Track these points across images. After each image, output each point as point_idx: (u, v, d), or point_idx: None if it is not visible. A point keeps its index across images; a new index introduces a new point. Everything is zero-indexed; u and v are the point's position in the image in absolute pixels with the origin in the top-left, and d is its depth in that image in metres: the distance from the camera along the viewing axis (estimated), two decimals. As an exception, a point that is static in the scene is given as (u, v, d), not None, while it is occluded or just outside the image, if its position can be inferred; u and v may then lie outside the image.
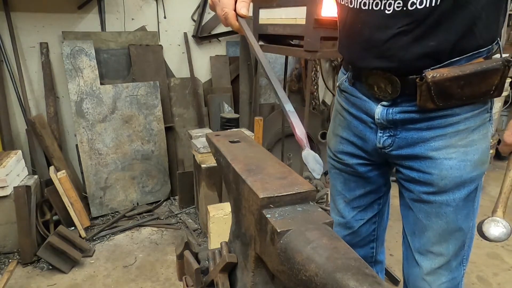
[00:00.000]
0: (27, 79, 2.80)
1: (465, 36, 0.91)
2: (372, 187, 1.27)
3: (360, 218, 1.33)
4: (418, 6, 0.87)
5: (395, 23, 0.92)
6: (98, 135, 2.84)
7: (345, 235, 1.36)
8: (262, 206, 0.69)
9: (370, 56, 1.00)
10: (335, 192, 1.36)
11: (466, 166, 1.01)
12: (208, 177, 2.56)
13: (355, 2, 0.98)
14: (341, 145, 1.24)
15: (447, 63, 0.93)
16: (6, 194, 2.30)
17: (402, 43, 0.93)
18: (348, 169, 1.25)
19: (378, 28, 0.95)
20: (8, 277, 2.21)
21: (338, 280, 0.53)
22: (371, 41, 0.98)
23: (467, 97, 0.95)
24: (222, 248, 0.90)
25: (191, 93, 3.29)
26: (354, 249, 1.36)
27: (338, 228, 1.38)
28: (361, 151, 1.18)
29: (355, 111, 1.15)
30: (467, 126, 0.99)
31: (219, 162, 0.97)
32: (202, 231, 2.74)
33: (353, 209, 1.32)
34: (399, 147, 1.07)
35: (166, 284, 2.23)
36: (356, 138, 1.18)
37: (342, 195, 1.33)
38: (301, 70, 3.70)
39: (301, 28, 2.14)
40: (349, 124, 1.19)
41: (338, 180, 1.32)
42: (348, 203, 1.32)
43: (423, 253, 1.15)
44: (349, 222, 1.34)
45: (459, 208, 1.05)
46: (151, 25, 3.13)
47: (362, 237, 1.37)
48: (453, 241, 1.10)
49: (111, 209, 2.98)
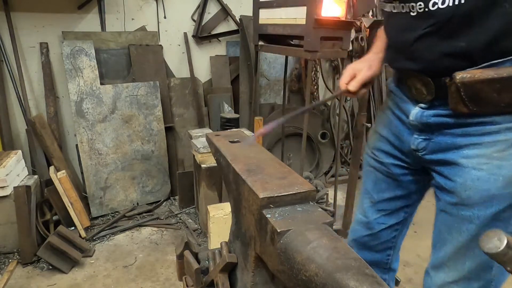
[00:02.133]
0: (27, 79, 2.80)
1: (506, 37, 0.85)
2: (403, 192, 1.24)
3: (383, 222, 1.30)
4: (440, 5, 0.87)
5: (420, 25, 0.93)
6: (98, 135, 2.84)
7: (364, 235, 1.34)
8: (262, 206, 0.69)
9: (401, 58, 1.03)
10: (364, 191, 1.35)
11: (497, 181, 0.92)
12: (208, 177, 2.56)
13: (389, 7, 1.01)
14: (379, 143, 1.23)
15: (487, 65, 0.87)
16: (6, 194, 2.30)
17: (428, 44, 0.93)
18: (382, 168, 1.24)
19: (405, 30, 0.97)
20: (8, 277, 2.21)
21: (338, 280, 0.53)
22: (400, 43, 1.01)
23: (507, 104, 0.88)
24: (222, 248, 0.90)
25: (191, 93, 3.29)
26: (370, 252, 1.32)
27: (359, 226, 1.36)
28: (398, 151, 1.18)
29: (397, 111, 1.15)
30: (507, 138, 0.91)
31: (219, 162, 0.97)
32: (202, 231, 2.74)
33: (378, 211, 1.29)
34: (432, 152, 1.05)
35: (166, 284, 2.23)
36: (394, 138, 1.17)
37: (369, 194, 1.32)
38: (301, 70, 3.70)
39: (301, 28, 2.13)
40: (390, 123, 1.19)
41: (369, 179, 1.31)
42: (374, 205, 1.30)
43: (438, 266, 1.10)
44: (371, 223, 1.32)
45: (483, 227, 0.95)
46: (151, 25, 3.13)
47: (380, 241, 1.34)
48: (471, 258, 1.01)
49: (111, 209, 2.98)
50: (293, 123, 3.46)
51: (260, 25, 2.54)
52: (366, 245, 1.36)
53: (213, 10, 3.32)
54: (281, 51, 2.54)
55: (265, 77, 3.61)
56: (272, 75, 3.65)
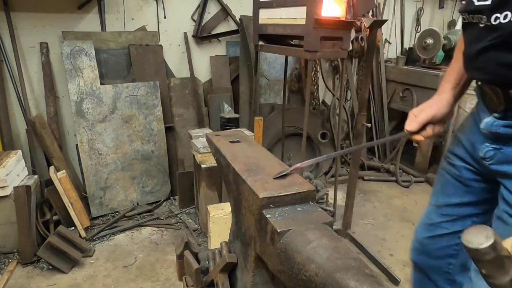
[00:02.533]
0: (27, 79, 2.80)
1: None
2: (471, 198, 1.21)
3: (445, 227, 1.27)
4: (502, 20, 0.89)
5: (486, 36, 0.95)
6: (98, 135, 2.84)
7: (424, 237, 1.32)
8: (262, 206, 0.69)
9: (471, 67, 1.05)
10: (432, 192, 1.34)
11: None
12: (208, 177, 2.56)
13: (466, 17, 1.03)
14: (455, 146, 1.23)
15: None
16: (6, 194, 2.30)
17: (492, 55, 0.95)
18: (452, 171, 1.23)
19: (474, 40, 0.99)
20: (8, 277, 2.21)
21: (338, 280, 0.53)
22: (470, 53, 1.03)
23: None
24: (222, 248, 0.90)
25: (191, 93, 3.29)
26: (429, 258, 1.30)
27: (420, 227, 1.35)
28: (470, 157, 1.17)
29: (477, 117, 1.15)
30: None
31: (219, 162, 0.97)
32: (202, 231, 2.74)
33: (442, 215, 1.27)
34: (499, 162, 1.05)
35: (166, 284, 2.23)
36: (469, 144, 1.17)
37: (436, 197, 1.31)
38: (301, 70, 3.70)
39: (301, 28, 2.13)
40: (469, 128, 1.19)
41: (439, 181, 1.30)
42: (438, 208, 1.29)
43: None
44: (432, 226, 1.30)
45: None
46: (151, 25, 3.13)
47: (439, 247, 1.29)
48: None
49: (111, 209, 2.98)
50: (293, 123, 3.46)
51: (260, 25, 2.54)
52: (425, 248, 1.34)
53: (213, 10, 3.32)
54: (281, 51, 2.54)
55: (265, 77, 3.61)
56: (272, 75, 3.65)
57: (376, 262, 2.43)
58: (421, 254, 1.35)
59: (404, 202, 3.37)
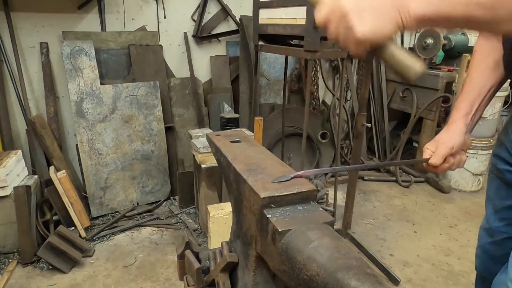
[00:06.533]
0: (27, 79, 2.80)
1: None
2: None
3: (505, 231, 1.26)
4: None
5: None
6: (98, 135, 2.84)
7: (487, 242, 1.30)
8: (263, 206, 0.69)
9: (507, 67, 1.06)
10: (487, 196, 1.33)
11: None
12: (208, 177, 2.56)
13: None
14: (499, 149, 1.23)
15: None
16: (6, 194, 2.30)
17: None
18: (499, 175, 1.23)
19: None
20: (8, 277, 2.21)
21: (340, 280, 0.53)
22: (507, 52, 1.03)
23: None
24: (223, 248, 0.90)
25: (191, 93, 3.29)
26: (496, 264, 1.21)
27: (483, 232, 1.33)
28: None
29: None
30: None
31: (220, 162, 0.97)
32: (202, 231, 2.74)
33: (501, 219, 1.26)
34: None
35: (166, 284, 2.23)
36: (511, 145, 1.17)
37: (492, 201, 1.29)
38: (301, 70, 3.70)
39: (301, 28, 2.13)
40: None
41: (492, 185, 1.30)
42: (496, 211, 1.27)
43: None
44: (493, 230, 1.28)
45: None
46: (151, 25, 3.13)
47: (506, 252, 1.22)
48: None
49: (111, 209, 2.98)
50: (293, 123, 3.46)
51: (260, 25, 2.54)
52: (490, 254, 1.32)
53: (213, 10, 3.32)
54: (281, 51, 2.55)
55: (265, 77, 3.62)
56: (272, 75, 3.65)
57: (376, 262, 2.43)
58: (486, 261, 1.33)
59: (404, 202, 3.37)
